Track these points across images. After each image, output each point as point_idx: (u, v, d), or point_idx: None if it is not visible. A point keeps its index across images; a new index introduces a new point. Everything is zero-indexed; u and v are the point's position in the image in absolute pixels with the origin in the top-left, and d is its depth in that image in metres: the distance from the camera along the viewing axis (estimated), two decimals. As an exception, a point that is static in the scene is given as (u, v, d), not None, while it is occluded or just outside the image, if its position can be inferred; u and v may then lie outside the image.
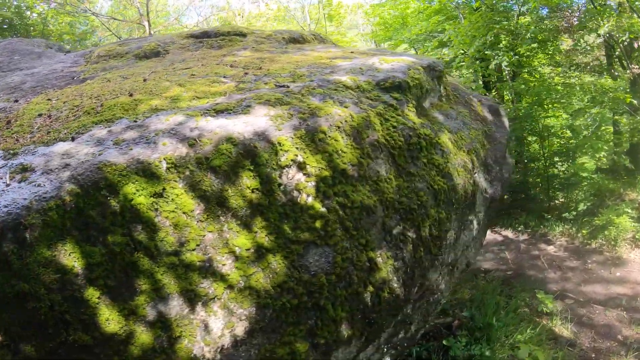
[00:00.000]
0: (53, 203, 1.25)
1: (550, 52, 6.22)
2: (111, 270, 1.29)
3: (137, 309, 1.30)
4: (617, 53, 6.19)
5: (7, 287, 1.17)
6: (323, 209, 1.62)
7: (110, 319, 1.26)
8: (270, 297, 1.48)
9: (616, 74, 6.27)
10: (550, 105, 6.06)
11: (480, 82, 7.30)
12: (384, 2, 8.49)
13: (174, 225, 1.46)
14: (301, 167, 1.65)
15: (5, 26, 7.94)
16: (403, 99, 2.27)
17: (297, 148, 1.65)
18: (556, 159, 6.35)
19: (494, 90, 7.08)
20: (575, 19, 5.86)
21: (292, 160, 1.63)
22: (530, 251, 5.46)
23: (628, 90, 5.49)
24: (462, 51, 6.47)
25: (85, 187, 1.31)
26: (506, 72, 6.73)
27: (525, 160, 6.85)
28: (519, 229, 6.28)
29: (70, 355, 1.22)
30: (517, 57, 5.90)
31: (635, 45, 5.90)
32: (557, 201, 6.53)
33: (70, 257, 1.25)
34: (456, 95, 3.43)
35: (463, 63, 6.67)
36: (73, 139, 1.56)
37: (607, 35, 5.52)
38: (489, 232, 6.69)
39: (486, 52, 5.70)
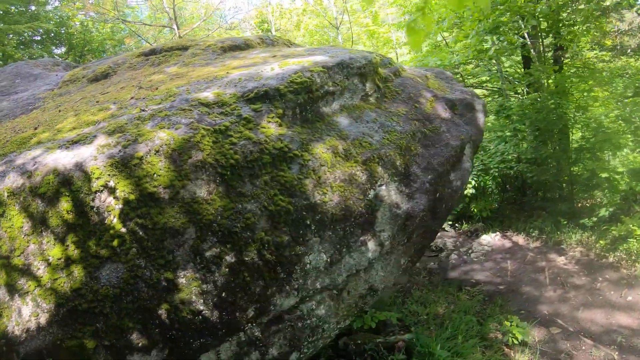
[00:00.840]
0: None
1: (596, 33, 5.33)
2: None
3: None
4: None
5: None
6: (123, 229, 1.89)
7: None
8: (67, 298, 1.85)
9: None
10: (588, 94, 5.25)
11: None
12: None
13: (9, 237, 1.96)
14: (111, 191, 1.94)
15: (48, 36, 10.02)
16: (264, 110, 2.33)
17: (108, 175, 1.95)
18: (585, 154, 5.58)
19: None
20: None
21: (102, 185, 1.93)
22: (537, 262, 4.93)
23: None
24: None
25: None
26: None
27: (546, 156, 5.91)
28: (533, 234, 5.75)
29: None
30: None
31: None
32: (579, 204, 5.88)
33: None
34: (397, 92, 3.23)
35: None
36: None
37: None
38: (498, 236, 6.13)
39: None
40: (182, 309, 1.89)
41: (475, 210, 7.20)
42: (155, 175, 1.96)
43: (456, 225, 7.52)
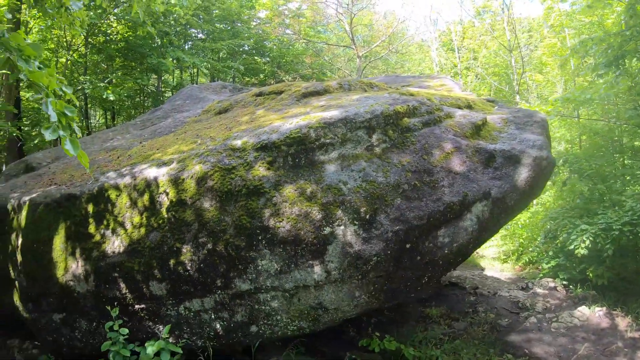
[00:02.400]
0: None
1: None
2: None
3: None
4: None
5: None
6: (166, 216, 3.85)
7: None
8: (133, 242, 3.98)
9: None
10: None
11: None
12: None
13: (120, 206, 4.30)
14: (167, 195, 3.94)
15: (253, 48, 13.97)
16: (260, 157, 3.82)
17: (167, 186, 3.96)
18: None
19: None
20: None
21: (163, 191, 3.96)
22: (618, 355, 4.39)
23: None
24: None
25: (97, 191, 4.37)
26: None
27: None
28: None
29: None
30: None
31: None
32: None
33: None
34: (412, 142, 4.03)
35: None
36: (114, 175, 4.69)
37: None
38: (601, 312, 6.06)
39: None
40: (180, 265, 3.70)
41: (591, 275, 6.45)
42: (187, 190, 3.85)
43: (570, 287, 6.98)
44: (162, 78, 16.79)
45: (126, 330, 3.80)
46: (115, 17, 12.56)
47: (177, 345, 3.86)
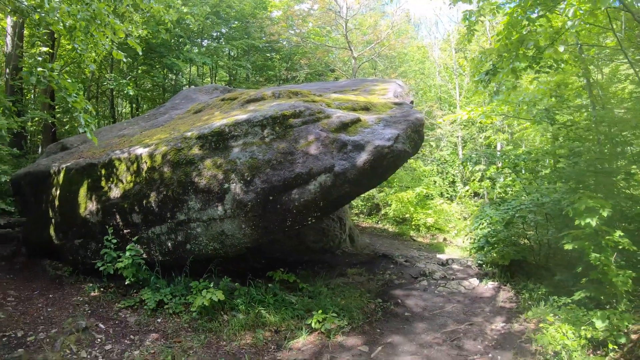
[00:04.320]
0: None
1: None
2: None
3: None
4: None
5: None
6: (145, 175, 7.70)
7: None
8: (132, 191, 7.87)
9: None
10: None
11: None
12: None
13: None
14: (147, 163, 7.79)
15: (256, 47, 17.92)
16: (197, 142, 7.54)
17: (146, 158, 7.81)
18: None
19: None
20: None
21: (144, 161, 7.81)
22: (479, 316, 7.46)
23: None
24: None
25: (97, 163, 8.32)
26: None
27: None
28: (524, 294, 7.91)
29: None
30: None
31: None
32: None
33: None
34: (290, 134, 7.57)
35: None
36: (119, 152, 8.63)
37: None
38: (493, 285, 9.02)
39: None
40: (149, 204, 7.50)
41: (495, 255, 9.26)
42: (156, 161, 7.66)
43: (483, 265, 9.80)
44: (180, 75, 21.27)
45: (115, 240, 7.66)
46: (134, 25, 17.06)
47: (143, 258, 7.66)
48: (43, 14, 5.91)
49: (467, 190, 17.14)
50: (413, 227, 17.45)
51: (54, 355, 5.60)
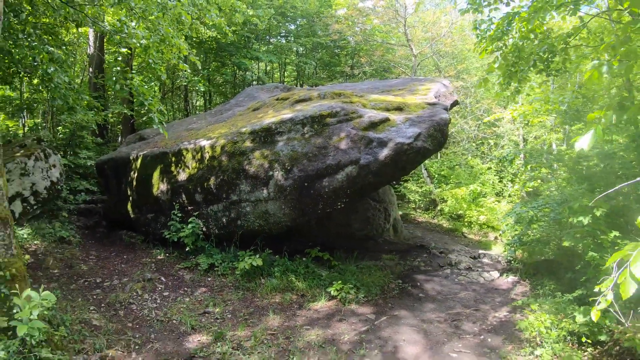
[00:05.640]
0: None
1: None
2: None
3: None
4: None
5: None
6: (213, 163, 9.69)
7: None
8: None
9: None
10: None
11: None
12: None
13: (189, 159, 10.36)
14: (209, 152, 9.78)
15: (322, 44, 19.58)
16: (249, 136, 9.37)
17: (209, 148, 9.79)
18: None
19: None
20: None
21: (207, 150, 9.80)
22: (488, 303, 8.53)
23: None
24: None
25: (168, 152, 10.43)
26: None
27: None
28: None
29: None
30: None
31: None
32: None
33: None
34: (326, 131, 9.23)
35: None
36: (187, 143, 10.72)
37: None
38: (514, 279, 9.79)
39: None
40: (209, 186, 9.47)
41: (519, 252, 10.25)
42: (216, 151, 9.61)
43: (512, 262, 10.75)
44: (249, 71, 23.60)
45: (180, 214, 9.72)
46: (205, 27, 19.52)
47: (201, 230, 9.65)
48: (124, 36, 7.95)
49: (517, 189, 17.66)
50: (466, 224, 18.34)
51: (124, 295, 7.67)
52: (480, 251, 13.21)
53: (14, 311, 4.93)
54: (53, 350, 5.13)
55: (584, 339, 6.37)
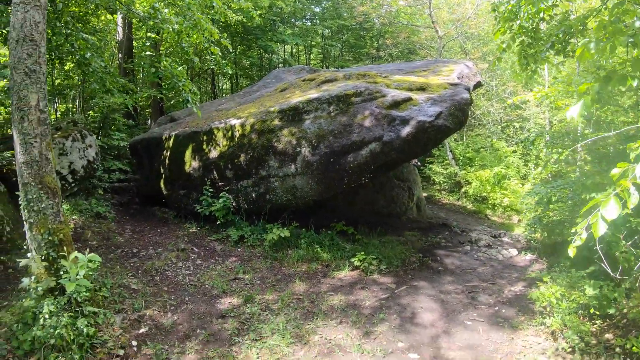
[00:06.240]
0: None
1: None
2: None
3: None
4: None
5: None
6: (243, 141, 10.29)
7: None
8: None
9: None
10: None
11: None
12: None
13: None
14: (239, 130, 10.38)
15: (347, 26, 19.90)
16: (277, 115, 9.91)
17: (239, 126, 10.38)
18: None
19: None
20: None
21: (237, 129, 10.40)
22: (505, 279, 8.94)
23: None
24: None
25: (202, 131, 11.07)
26: None
27: None
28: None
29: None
30: None
31: None
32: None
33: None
34: (350, 110, 9.72)
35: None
36: (217, 123, 11.34)
37: None
38: (532, 257, 10.19)
39: None
40: (239, 162, 10.09)
41: (537, 233, 10.57)
42: (246, 129, 10.19)
43: (531, 241, 11.08)
44: (275, 54, 24.12)
45: (211, 190, 10.37)
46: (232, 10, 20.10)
47: (232, 205, 10.28)
48: (157, 21, 8.54)
49: (541, 172, 17.76)
50: (490, 206, 18.60)
51: (159, 263, 8.38)
52: (501, 232, 13.53)
53: (61, 272, 5.59)
54: (97, 308, 5.82)
55: (592, 311, 6.59)
